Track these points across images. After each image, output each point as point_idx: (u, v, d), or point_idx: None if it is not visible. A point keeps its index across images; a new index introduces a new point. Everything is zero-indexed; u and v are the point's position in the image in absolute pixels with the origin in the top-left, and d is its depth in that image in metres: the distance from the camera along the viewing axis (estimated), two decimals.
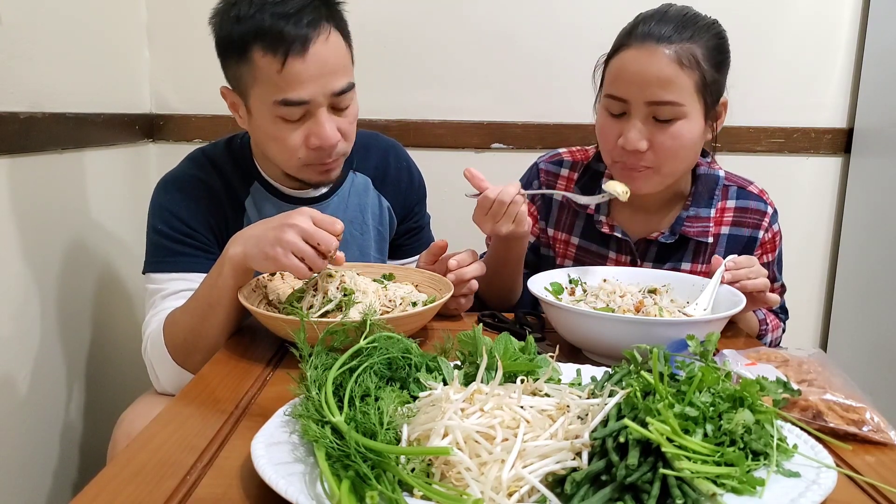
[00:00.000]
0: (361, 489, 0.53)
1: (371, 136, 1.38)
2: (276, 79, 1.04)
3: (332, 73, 1.07)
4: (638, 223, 1.26)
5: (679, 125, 1.10)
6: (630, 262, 1.26)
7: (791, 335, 2.01)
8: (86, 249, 1.58)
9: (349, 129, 1.15)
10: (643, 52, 1.08)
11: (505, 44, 1.87)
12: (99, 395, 1.62)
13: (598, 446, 0.56)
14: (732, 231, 1.23)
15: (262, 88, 1.07)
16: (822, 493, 0.55)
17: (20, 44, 1.35)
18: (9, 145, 1.30)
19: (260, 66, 1.05)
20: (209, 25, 1.10)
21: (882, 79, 1.78)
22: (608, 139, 1.15)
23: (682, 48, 1.07)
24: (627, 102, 1.11)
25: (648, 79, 1.08)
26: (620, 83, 1.11)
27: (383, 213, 1.35)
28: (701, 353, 0.72)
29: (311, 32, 1.04)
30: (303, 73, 1.04)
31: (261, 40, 1.04)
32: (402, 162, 1.38)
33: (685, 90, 1.08)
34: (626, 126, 1.11)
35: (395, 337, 0.77)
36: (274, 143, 1.12)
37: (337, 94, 1.09)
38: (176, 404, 0.80)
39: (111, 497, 0.59)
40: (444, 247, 1.15)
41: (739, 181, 1.26)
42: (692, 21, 1.10)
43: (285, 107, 1.06)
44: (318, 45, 1.05)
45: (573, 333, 0.97)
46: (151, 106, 1.90)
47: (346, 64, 1.12)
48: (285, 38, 1.02)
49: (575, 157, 1.33)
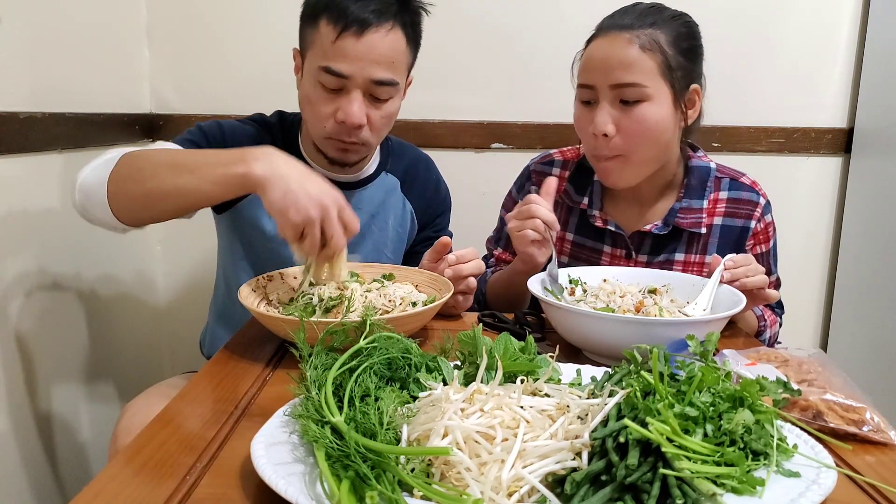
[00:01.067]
0: (361, 489, 0.53)
1: (409, 146, 1.47)
2: (328, 47, 1.14)
3: (377, 62, 1.14)
4: (631, 216, 1.27)
5: (644, 107, 1.13)
6: (625, 255, 1.27)
7: (791, 335, 2.02)
8: (86, 249, 1.58)
9: (380, 122, 1.21)
10: (607, 39, 1.14)
11: (505, 44, 1.87)
12: (100, 393, 1.62)
13: (598, 446, 0.56)
14: (725, 222, 1.25)
15: (316, 52, 1.16)
16: (822, 493, 0.55)
17: (20, 44, 1.35)
18: (9, 145, 1.30)
19: (321, 33, 1.15)
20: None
21: (882, 79, 1.78)
22: (582, 129, 1.20)
23: (644, 33, 1.12)
24: (595, 89, 1.15)
25: (611, 63, 1.12)
26: (587, 71, 1.17)
27: (406, 215, 1.40)
28: (701, 353, 0.72)
29: (372, 19, 1.13)
30: (350, 51, 1.13)
31: (329, 11, 1.14)
32: (431, 174, 1.47)
33: (648, 72, 1.12)
34: (595, 112, 1.16)
35: (395, 337, 0.77)
36: (308, 105, 1.21)
37: (376, 83, 1.16)
38: (176, 404, 0.80)
39: (111, 497, 0.59)
40: (448, 244, 1.15)
41: (732, 173, 1.28)
42: (657, 11, 1.16)
43: (326, 74, 1.15)
44: (375, 32, 1.13)
45: (573, 333, 0.97)
46: (151, 106, 1.90)
47: (398, 61, 1.18)
48: (348, 15, 1.12)
49: (566, 156, 1.35)
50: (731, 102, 1.87)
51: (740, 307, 0.95)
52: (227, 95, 1.86)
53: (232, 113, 1.48)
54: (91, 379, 1.59)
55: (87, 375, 1.58)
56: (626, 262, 1.27)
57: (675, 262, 1.25)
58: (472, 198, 1.82)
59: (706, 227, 1.23)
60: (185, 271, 1.97)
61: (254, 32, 1.85)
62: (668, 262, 1.25)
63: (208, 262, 1.63)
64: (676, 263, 1.25)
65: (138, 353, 1.85)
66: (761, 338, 1.23)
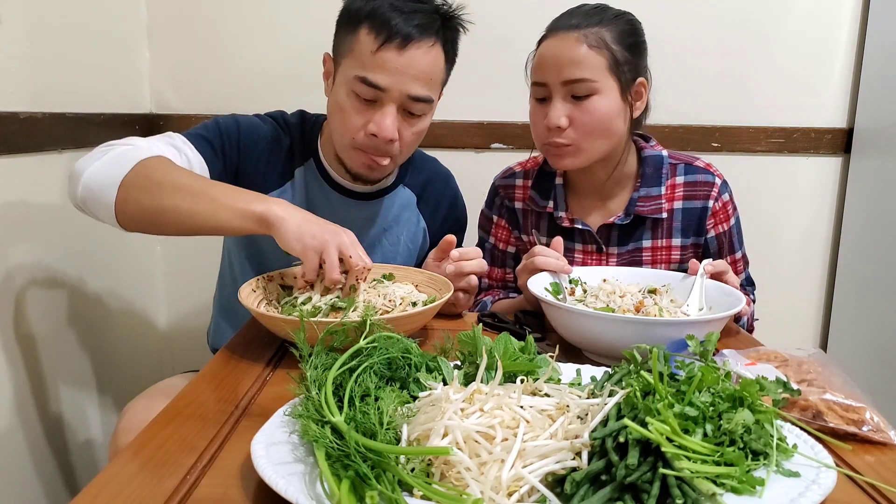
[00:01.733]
0: (361, 489, 0.53)
1: (431, 160, 1.45)
2: (367, 57, 1.11)
3: (416, 78, 1.12)
4: (595, 213, 1.33)
5: (594, 100, 1.19)
6: (596, 249, 1.32)
7: (791, 335, 2.02)
8: (87, 249, 1.58)
9: (410, 138, 1.19)
10: (556, 39, 1.20)
11: (505, 44, 1.87)
12: (101, 393, 1.62)
13: (598, 446, 0.56)
14: (685, 205, 1.30)
15: (353, 60, 1.13)
16: (822, 492, 0.55)
17: (20, 44, 1.35)
18: (9, 145, 1.30)
19: (361, 41, 1.11)
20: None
21: (882, 79, 1.78)
22: (536, 123, 1.26)
23: (590, 31, 1.18)
24: (547, 86, 1.21)
25: (562, 61, 1.18)
26: (540, 69, 1.22)
27: (419, 232, 1.38)
28: (701, 353, 0.72)
29: (416, 34, 1.10)
30: (390, 64, 1.10)
31: (370, 20, 1.11)
32: (448, 190, 1.44)
33: (597, 68, 1.18)
34: (549, 107, 1.21)
35: (395, 337, 0.77)
36: (339, 114, 1.17)
37: (412, 99, 1.13)
38: (176, 404, 0.80)
39: (111, 497, 0.59)
40: (453, 242, 1.16)
41: (685, 158, 1.34)
42: (601, 11, 1.22)
43: (362, 84, 1.11)
44: (417, 48, 1.11)
45: (573, 333, 0.98)
46: (151, 106, 1.90)
47: (435, 78, 1.16)
48: (392, 28, 1.09)
49: (525, 167, 1.42)
50: (731, 102, 1.87)
51: (739, 307, 0.96)
52: (227, 95, 1.86)
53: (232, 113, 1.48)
54: (91, 378, 1.59)
55: (87, 375, 1.58)
56: (598, 256, 1.32)
57: (643, 248, 1.30)
58: (472, 198, 1.81)
59: (667, 212, 1.29)
60: (186, 271, 1.97)
61: (254, 32, 1.85)
62: (637, 249, 1.30)
63: (208, 262, 1.63)
64: (645, 250, 1.30)
65: (138, 353, 1.85)
66: (739, 323, 1.24)
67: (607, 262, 1.31)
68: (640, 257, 1.30)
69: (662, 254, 1.30)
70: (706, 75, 1.85)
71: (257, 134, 1.25)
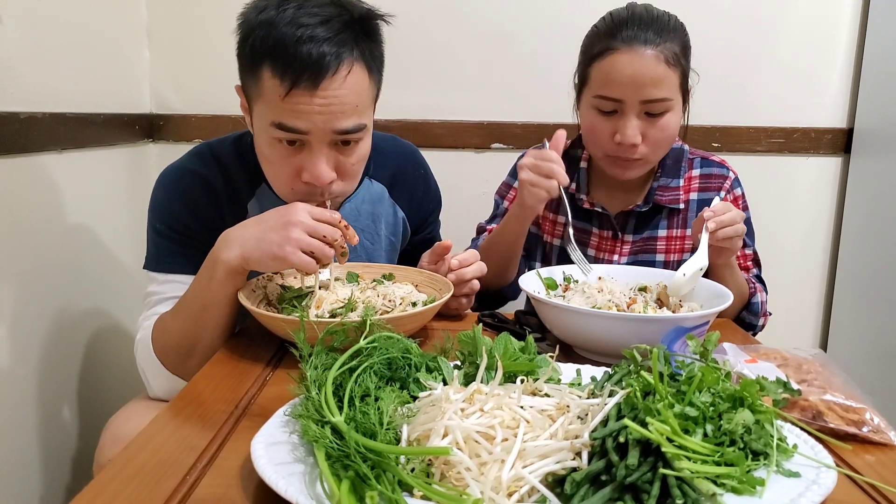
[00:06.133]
0: (361, 489, 0.53)
1: (389, 139, 1.33)
2: (278, 104, 0.98)
3: (340, 113, 0.99)
4: (616, 199, 1.35)
5: (667, 118, 1.21)
6: (612, 235, 1.35)
7: (791, 335, 2.02)
8: (85, 250, 1.58)
9: (351, 169, 1.07)
10: (634, 55, 1.17)
11: (505, 44, 1.87)
12: (93, 397, 1.61)
13: (598, 446, 0.56)
14: (700, 196, 1.34)
15: (264, 106, 1.00)
16: (822, 493, 0.55)
17: (20, 44, 1.35)
18: (9, 145, 1.30)
19: (265, 85, 0.98)
20: (236, 21, 1.05)
21: (882, 79, 1.78)
22: (601, 135, 1.24)
23: (667, 48, 1.17)
24: (622, 102, 1.19)
25: (643, 80, 1.17)
26: (614, 85, 1.19)
27: (398, 223, 1.31)
28: (701, 353, 0.72)
29: (326, 66, 0.95)
30: (305, 108, 0.97)
31: (272, 59, 0.96)
32: (419, 169, 1.35)
33: (673, 86, 1.19)
34: (621, 123, 1.20)
35: (395, 337, 0.77)
36: (268, 165, 1.07)
37: (342, 133, 1.01)
38: (175, 404, 0.80)
39: (111, 497, 0.59)
40: (448, 247, 1.14)
41: (703, 153, 1.38)
42: (665, 20, 1.21)
43: (280, 130, 0.99)
44: (332, 80, 0.97)
45: (563, 330, 0.99)
46: (151, 106, 1.90)
47: (362, 103, 1.02)
48: (298, 63, 0.94)
49: (555, 147, 1.36)
50: (731, 102, 1.87)
51: (728, 303, 0.97)
52: (227, 95, 1.85)
53: (232, 113, 1.48)
54: (86, 383, 1.57)
55: (82, 379, 1.57)
56: (612, 242, 1.35)
57: (658, 238, 1.33)
58: (472, 198, 1.82)
59: (684, 202, 1.33)
60: None
61: None
62: (652, 238, 1.33)
63: None
64: (660, 239, 1.33)
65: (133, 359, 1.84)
66: (752, 300, 1.26)
67: (621, 249, 1.34)
68: (655, 246, 1.33)
69: (676, 243, 1.33)
70: (706, 75, 1.85)
71: (190, 195, 1.14)
